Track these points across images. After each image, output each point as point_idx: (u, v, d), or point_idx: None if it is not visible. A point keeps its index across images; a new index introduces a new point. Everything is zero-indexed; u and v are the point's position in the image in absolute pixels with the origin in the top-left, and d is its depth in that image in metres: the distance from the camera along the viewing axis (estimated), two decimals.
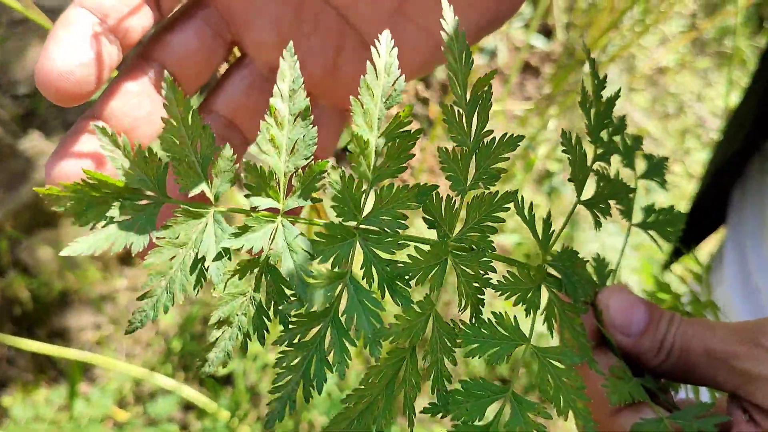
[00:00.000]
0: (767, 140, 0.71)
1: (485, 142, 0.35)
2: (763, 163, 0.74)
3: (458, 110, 0.35)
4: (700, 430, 0.32)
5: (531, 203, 0.36)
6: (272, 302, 0.32)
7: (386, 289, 0.33)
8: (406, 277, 0.33)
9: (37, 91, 1.68)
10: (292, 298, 0.32)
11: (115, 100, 0.35)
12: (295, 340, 0.32)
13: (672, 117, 2.36)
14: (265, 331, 0.32)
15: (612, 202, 0.37)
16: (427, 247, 0.34)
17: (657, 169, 0.39)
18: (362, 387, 0.32)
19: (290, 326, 0.32)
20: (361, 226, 0.34)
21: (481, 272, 0.34)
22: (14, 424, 1.46)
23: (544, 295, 0.36)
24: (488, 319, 0.34)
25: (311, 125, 0.34)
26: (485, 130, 0.35)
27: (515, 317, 0.34)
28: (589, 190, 0.37)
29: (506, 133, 0.35)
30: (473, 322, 0.34)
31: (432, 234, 0.35)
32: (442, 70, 1.96)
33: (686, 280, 0.49)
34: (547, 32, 2.31)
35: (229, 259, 0.33)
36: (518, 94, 2.23)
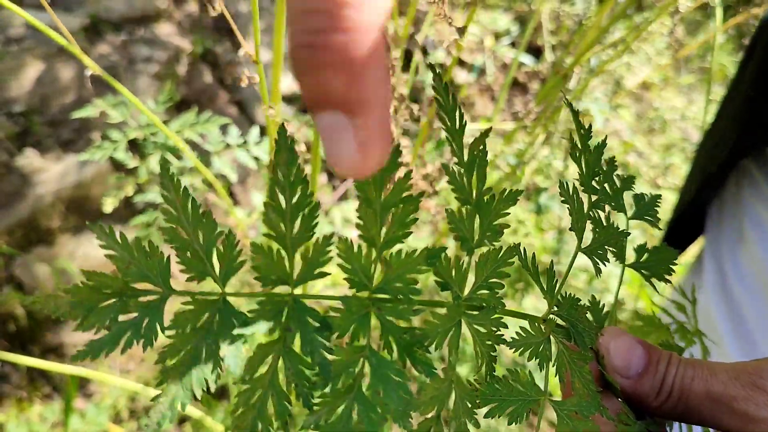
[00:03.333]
0: (744, 158, 0.72)
1: (485, 200, 0.33)
2: (738, 177, 0.75)
3: (458, 170, 0.33)
4: None
5: (534, 254, 0.34)
6: (292, 385, 0.30)
7: (407, 358, 0.31)
8: (425, 344, 0.31)
9: (32, 109, 1.58)
10: (314, 379, 0.30)
11: None
12: (321, 422, 0.29)
13: (657, 132, 2.37)
14: (288, 417, 0.29)
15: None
16: (443, 311, 0.32)
17: (648, 209, 0.38)
18: None
19: (314, 408, 0.30)
20: (374, 295, 0.32)
21: (493, 329, 0.32)
22: None
23: (554, 346, 0.34)
24: (503, 376, 0.32)
25: (310, 195, 0.32)
26: (485, 188, 0.33)
27: (530, 372, 0.33)
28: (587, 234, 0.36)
29: (505, 189, 0.34)
30: (488, 380, 0.32)
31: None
32: (428, 87, 1.93)
33: (668, 311, 0.48)
34: (535, 51, 2.28)
35: (245, 343, 0.30)
36: (506, 110, 2.21)
